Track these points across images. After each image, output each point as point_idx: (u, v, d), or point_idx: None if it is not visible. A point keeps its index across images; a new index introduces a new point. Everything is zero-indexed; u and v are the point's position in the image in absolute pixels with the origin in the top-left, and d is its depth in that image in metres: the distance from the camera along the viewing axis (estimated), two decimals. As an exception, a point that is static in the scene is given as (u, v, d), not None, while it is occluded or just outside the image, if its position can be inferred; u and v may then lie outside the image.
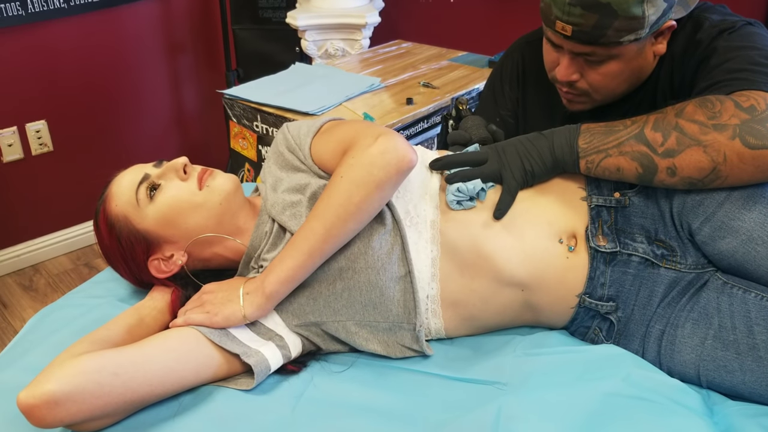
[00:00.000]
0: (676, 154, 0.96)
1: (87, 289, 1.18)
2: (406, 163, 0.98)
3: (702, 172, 0.96)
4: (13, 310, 2.46)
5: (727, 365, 0.95)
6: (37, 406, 0.80)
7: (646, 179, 1.00)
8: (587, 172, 1.04)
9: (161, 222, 1.03)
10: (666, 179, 0.98)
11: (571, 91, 1.19)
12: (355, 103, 1.88)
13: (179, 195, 1.03)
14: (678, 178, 0.97)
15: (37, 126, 2.55)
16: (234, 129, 1.95)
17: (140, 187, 1.03)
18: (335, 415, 0.93)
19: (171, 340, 0.94)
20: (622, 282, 1.03)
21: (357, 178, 0.97)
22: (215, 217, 1.05)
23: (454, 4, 2.79)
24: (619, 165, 1.00)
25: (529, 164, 1.05)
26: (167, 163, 1.07)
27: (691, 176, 0.96)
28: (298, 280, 0.99)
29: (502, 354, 1.02)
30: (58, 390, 0.80)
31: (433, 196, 1.06)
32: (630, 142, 0.99)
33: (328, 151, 1.05)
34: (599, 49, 1.09)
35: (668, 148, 0.97)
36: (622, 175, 1.01)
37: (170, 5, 2.79)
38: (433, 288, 1.03)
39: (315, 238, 0.96)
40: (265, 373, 0.96)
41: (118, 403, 0.86)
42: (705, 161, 0.95)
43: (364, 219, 0.99)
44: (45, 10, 2.38)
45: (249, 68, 2.80)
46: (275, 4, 2.76)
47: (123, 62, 2.72)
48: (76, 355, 0.86)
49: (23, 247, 2.68)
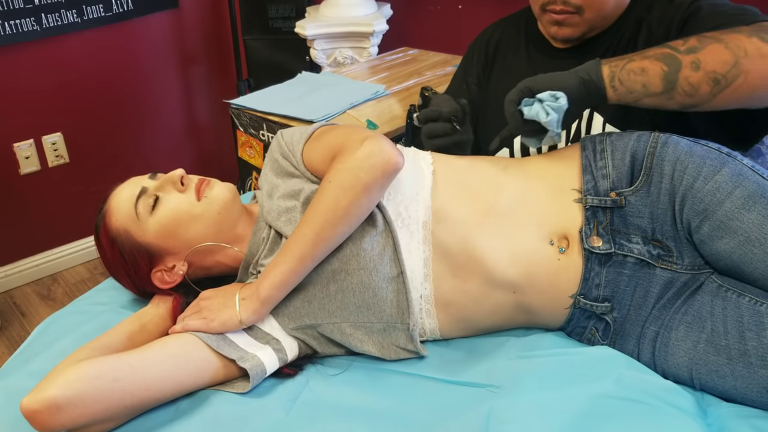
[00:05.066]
0: (698, 50, 1.00)
1: (91, 296, 1.20)
2: (392, 166, 0.99)
3: (725, 66, 0.98)
4: (31, 319, 2.51)
5: (718, 370, 0.94)
6: (40, 411, 0.82)
7: (671, 78, 1.00)
8: (611, 78, 1.03)
9: (162, 234, 1.05)
10: (691, 75, 0.99)
11: (565, 8, 1.20)
12: (360, 110, 1.89)
13: (178, 206, 1.05)
14: (702, 73, 0.99)
15: (53, 138, 2.59)
16: (241, 138, 1.97)
17: (139, 201, 1.05)
18: (330, 418, 0.94)
19: (169, 345, 0.96)
20: (618, 282, 1.02)
21: (344, 183, 0.98)
22: (214, 226, 1.07)
23: (463, 10, 2.79)
24: (644, 66, 1.02)
25: (538, 77, 1.05)
26: (162, 175, 1.09)
27: (715, 70, 0.98)
28: (291, 284, 1.01)
29: (496, 356, 1.03)
30: (60, 395, 0.83)
31: (425, 197, 1.07)
32: (652, 49, 1.03)
33: (319, 157, 1.07)
34: None
35: (690, 46, 1.00)
36: (647, 77, 1.01)
37: (182, 17, 2.83)
38: (427, 288, 1.04)
39: (306, 242, 0.98)
40: (260, 377, 0.97)
41: (118, 407, 0.88)
42: (727, 54, 0.98)
43: (353, 222, 1.00)
44: (59, 24, 2.43)
45: (260, 78, 2.83)
46: (285, 14, 2.79)
47: (136, 74, 2.77)
48: (77, 361, 0.88)
49: (41, 257, 2.73)
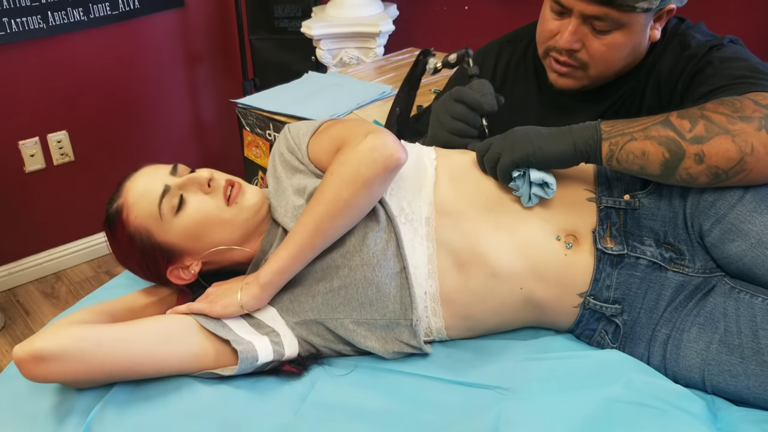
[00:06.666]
0: (704, 140, 0.94)
1: (98, 295, 1.20)
2: (394, 161, 0.99)
3: (729, 162, 0.94)
4: (35, 317, 2.51)
5: (731, 370, 0.94)
6: (26, 360, 0.88)
7: (671, 166, 0.96)
8: (608, 157, 0.99)
9: (186, 236, 1.04)
10: (692, 167, 0.95)
11: (569, 61, 1.17)
12: (366, 110, 1.89)
13: (206, 210, 1.04)
14: (704, 167, 0.94)
15: (58, 136, 2.59)
16: (247, 138, 1.97)
17: (163, 201, 1.02)
18: (338, 419, 0.94)
19: (162, 323, 0.99)
20: (629, 285, 1.02)
21: (346, 175, 0.98)
22: (241, 231, 1.07)
23: (469, 11, 2.79)
24: (645, 149, 0.96)
25: (538, 143, 1.01)
26: (184, 168, 1.07)
27: (718, 165, 0.94)
28: (291, 271, 1.01)
29: (505, 358, 1.02)
30: (44, 348, 0.88)
31: (428, 192, 1.07)
32: (656, 127, 0.97)
33: (323, 150, 1.07)
34: (613, 12, 1.09)
35: (697, 135, 0.94)
36: (646, 161, 0.97)
37: (188, 17, 2.83)
38: (432, 285, 1.03)
39: (306, 231, 0.99)
40: (251, 362, 0.97)
41: (97, 371, 0.92)
42: (733, 151, 0.93)
43: (353, 215, 1.00)
44: (65, 23, 2.43)
45: (266, 78, 2.83)
46: (291, 14, 2.79)
47: (142, 73, 2.76)
48: (72, 322, 0.95)
49: (45, 255, 2.73)
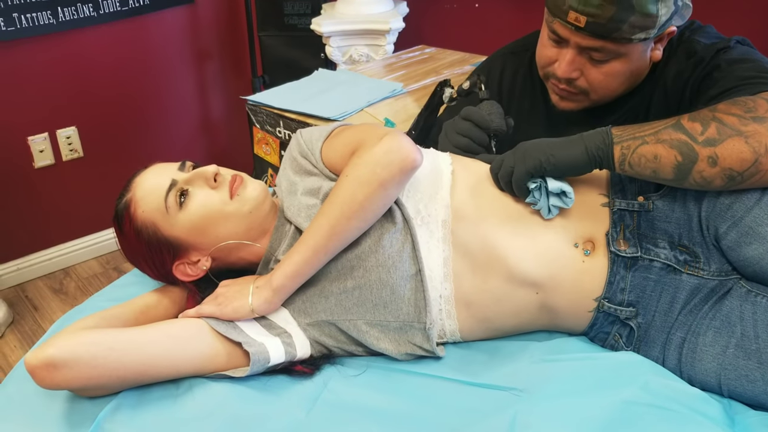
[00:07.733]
0: (717, 143, 0.92)
1: (108, 293, 1.20)
2: (410, 163, 0.99)
3: (743, 164, 0.92)
4: (43, 313, 2.51)
5: (748, 374, 0.93)
6: (39, 368, 0.87)
7: (684, 169, 0.94)
8: (621, 161, 0.97)
9: (191, 230, 1.04)
10: (705, 169, 0.93)
11: (569, 88, 1.16)
12: (377, 108, 1.88)
13: (210, 204, 1.04)
14: (718, 169, 0.93)
15: (67, 132, 2.59)
16: (257, 135, 1.96)
17: (169, 194, 1.03)
18: (350, 419, 0.93)
19: (174, 326, 0.98)
20: (643, 287, 1.01)
21: (361, 177, 0.98)
22: (244, 225, 1.06)
23: (479, 9, 2.78)
24: (657, 152, 0.94)
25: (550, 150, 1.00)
26: (191, 164, 1.07)
27: (732, 167, 0.92)
28: (304, 275, 1.00)
29: (519, 359, 1.01)
30: (56, 355, 0.87)
31: (444, 196, 1.06)
32: (667, 130, 0.95)
33: (337, 154, 1.07)
34: (609, 44, 1.07)
35: (709, 137, 0.93)
36: (659, 165, 0.95)
37: (197, 13, 2.83)
38: (447, 288, 1.03)
39: (320, 234, 0.98)
40: (263, 364, 0.97)
41: (111, 377, 0.91)
42: (747, 152, 0.91)
43: (368, 217, 0.99)
44: (75, 18, 2.43)
45: (275, 75, 2.82)
46: (300, 11, 2.78)
47: (151, 69, 2.76)
48: (82, 327, 0.94)
49: (54, 250, 2.74)
